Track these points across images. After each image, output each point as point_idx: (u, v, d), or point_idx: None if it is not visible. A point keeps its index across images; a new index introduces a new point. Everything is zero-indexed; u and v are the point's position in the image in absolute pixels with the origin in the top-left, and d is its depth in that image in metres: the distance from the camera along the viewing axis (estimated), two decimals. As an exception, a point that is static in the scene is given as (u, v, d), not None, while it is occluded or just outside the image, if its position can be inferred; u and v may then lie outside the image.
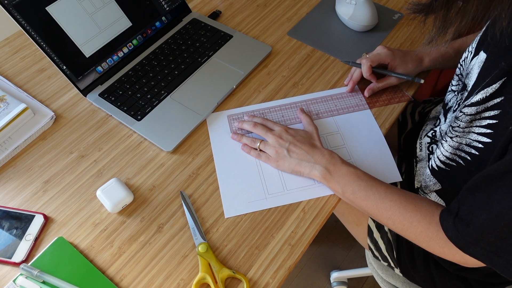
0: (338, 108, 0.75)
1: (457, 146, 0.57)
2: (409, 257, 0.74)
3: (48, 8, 0.71)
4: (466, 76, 0.61)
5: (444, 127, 0.68)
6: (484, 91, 0.49)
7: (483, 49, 0.56)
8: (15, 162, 0.70)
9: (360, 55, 0.79)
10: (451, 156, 0.58)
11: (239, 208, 0.63)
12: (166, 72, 0.80)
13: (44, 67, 0.85)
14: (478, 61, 0.56)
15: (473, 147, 0.54)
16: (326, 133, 0.72)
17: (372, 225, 0.78)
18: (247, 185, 0.66)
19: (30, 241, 0.60)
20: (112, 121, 0.75)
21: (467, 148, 0.55)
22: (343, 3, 0.88)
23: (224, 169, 0.68)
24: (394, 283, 0.84)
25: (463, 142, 0.56)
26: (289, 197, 0.64)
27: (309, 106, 0.76)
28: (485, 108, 0.50)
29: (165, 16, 0.87)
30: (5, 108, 0.72)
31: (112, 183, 0.63)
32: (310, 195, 0.64)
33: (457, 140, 0.57)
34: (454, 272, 0.70)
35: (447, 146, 0.59)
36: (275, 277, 0.57)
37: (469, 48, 0.61)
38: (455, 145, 0.57)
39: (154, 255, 0.59)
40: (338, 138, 0.72)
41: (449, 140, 0.58)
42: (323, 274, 1.32)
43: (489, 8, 0.42)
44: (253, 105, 0.76)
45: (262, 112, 0.75)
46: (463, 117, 0.54)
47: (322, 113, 0.75)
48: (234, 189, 0.65)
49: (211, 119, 0.75)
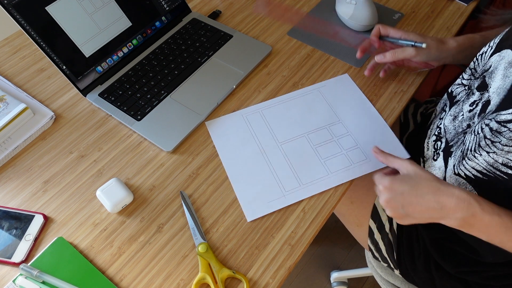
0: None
1: (492, 163, 0.53)
2: (410, 258, 0.74)
3: (47, 7, 0.71)
4: (483, 72, 0.57)
5: (447, 122, 0.67)
6: None
7: (509, 47, 0.52)
8: (15, 162, 0.70)
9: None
10: (487, 171, 0.55)
11: (260, 209, 0.63)
12: (166, 72, 0.80)
13: (44, 67, 0.85)
14: (504, 61, 0.53)
15: (510, 167, 0.50)
16: (328, 124, 0.73)
17: (373, 226, 0.78)
18: (263, 186, 0.65)
19: (29, 241, 0.60)
20: (112, 121, 0.75)
21: (503, 168, 0.52)
22: (343, 3, 0.88)
23: (236, 174, 0.67)
24: (394, 282, 0.84)
25: (499, 161, 0.52)
26: (306, 190, 0.65)
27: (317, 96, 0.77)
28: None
29: (165, 16, 0.87)
30: (4, 108, 0.72)
31: (112, 183, 0.63)
32: (325, 187, 0.65)
33: (493, 156, 0.52)
34: (455, 274, 0.69)
35: (482, 161, 0.54)
36: (275, 277, 0.57)
37: (490, 43, 0.58)
38: (490, 161, 0.53)
39: (154, 255, 0.59)
40: (340, 127, 0.72)
41: (484, 154, 0.53)
42: (323, 274, 1.32)
43: None
44: (252, 106, 0.76)
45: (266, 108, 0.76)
46: (506, 132, 0.50)
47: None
48: (250, 192, 0.65)
49: (211, 125, 0.74)
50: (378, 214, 0.78)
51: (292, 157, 0.69)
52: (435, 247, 0.70)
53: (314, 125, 0.73)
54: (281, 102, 0.76)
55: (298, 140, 0.71)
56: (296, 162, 0.68)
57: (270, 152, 0.70)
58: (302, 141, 0.71)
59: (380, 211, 0.78)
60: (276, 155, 0.69)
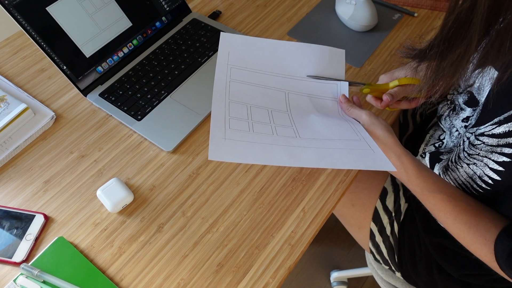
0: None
1: (471, 175, 0.56)
2: (411, 261, 0.74)
3: (48, 8, 0.71)
4: (466, 87, 0.59)
5: (447, 137, 0.67)
6: (509, 124, 0.48)
7: (491, 63, 0.53)
8: (15, 162, 0.70)
9: (360, 55, 0.79)
10: (467, 183, 0.58)
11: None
12: (166, 72, 0.80)
13: (45, 67, 0.85)
14: (489, 77, 0.54)
15: (483, 181, 0.54)
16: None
17: (375, 229, 0.78)
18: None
19: (30, 241, 0.60)
20: (112, 121, 0.75)
21: (479, 180, 0.55)
22: (343, 3, 0.88)
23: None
24: (395, 284, 0.84)
25: (477, 173, 0.55)
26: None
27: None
28: (506, 143, 0.49)
29: (165, 16, 0.87)
30: (5, 108, 0.72)
31: (112, 183, 0.63)
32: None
33: (473, 168, 0.56)
34: (458, 277, 0.69)
35: (463, 172, 0.58)
36: (275, 276, 0.57)
37: (471, 59, 0.59)
38: (470, 172, 0.56)
39: (154, 255, 0.59)
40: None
41: (465, 166, 0.57)
42: (323, 274, 1.32)
43: (484, 63, 0.40)
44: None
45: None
46: (482, 146, 0.53)
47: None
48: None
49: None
50: (379, 217, 0.78)
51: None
52: (437, 250, 0.70)
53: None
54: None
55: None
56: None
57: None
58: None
59: (381, 214, 0.78)
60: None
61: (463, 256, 0.67)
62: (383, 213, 0.77)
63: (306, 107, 0.61)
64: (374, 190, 0.80)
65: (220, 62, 0.62)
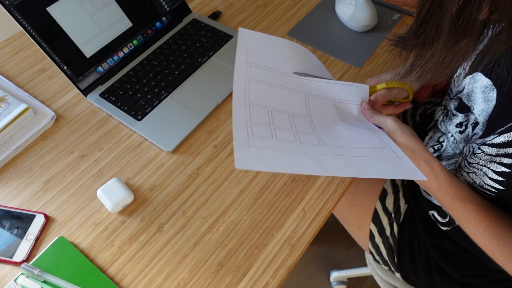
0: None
1: (471, 184, 0.56)
2: (411, 262, 0.74)
3: (49, 8, 0.71)
4: (457, 93, 0.60)
5: (448, 147, 0.68)
6: (508, 134, 0.48)
7: (483, 72, 0.54)
8: (16, 162, 0.70)
9: (360, 55, 0.79)
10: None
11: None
12: (166, 72, 0.80)
13: (45, 67, 0.85)
14: (480, 85, 0.55)
15: (485, 190, 0.54)
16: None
17: (374, 229, 0.78)
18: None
19: (31, 240, 0.60)
20: (113, 121, 0.75)
21: (479, 190, 0.55)
22: (343, 3, 0.88)
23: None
24: (395, 284, 0.84)
25: (477, 182, 0.55)
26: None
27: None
28: (505, 153, 0.49)
29: (165, 16, 0.87)
30: (6, 108, 0.73)
31: (113, 183, 0.64)
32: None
33: (472, 177, 0.56)
34: (458, 278, 0.69)
35: (464, 181, 0.58)
36: (275, 276, 0.57)
37: (464, 65, 0.59)
38: (470, 181, 0.56)
39: (154, 254, 0.60)
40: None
41: (465, 175, 0.57)
42: (323, 274, 1.32)
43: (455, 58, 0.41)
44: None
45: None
46: (482, 155, 0.53)
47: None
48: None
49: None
50: (379, 218, 0.78)
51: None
52: (437, 251, 0.70)
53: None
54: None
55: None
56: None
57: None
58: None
59: (381, 215, 0.78)
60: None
61: (462, 257, 0.68)
62: (383, 214, 0.77)
63: (326, 111, 0.59)
64: (373, 190, 0.80)
65: (239, 60, 0.58)
